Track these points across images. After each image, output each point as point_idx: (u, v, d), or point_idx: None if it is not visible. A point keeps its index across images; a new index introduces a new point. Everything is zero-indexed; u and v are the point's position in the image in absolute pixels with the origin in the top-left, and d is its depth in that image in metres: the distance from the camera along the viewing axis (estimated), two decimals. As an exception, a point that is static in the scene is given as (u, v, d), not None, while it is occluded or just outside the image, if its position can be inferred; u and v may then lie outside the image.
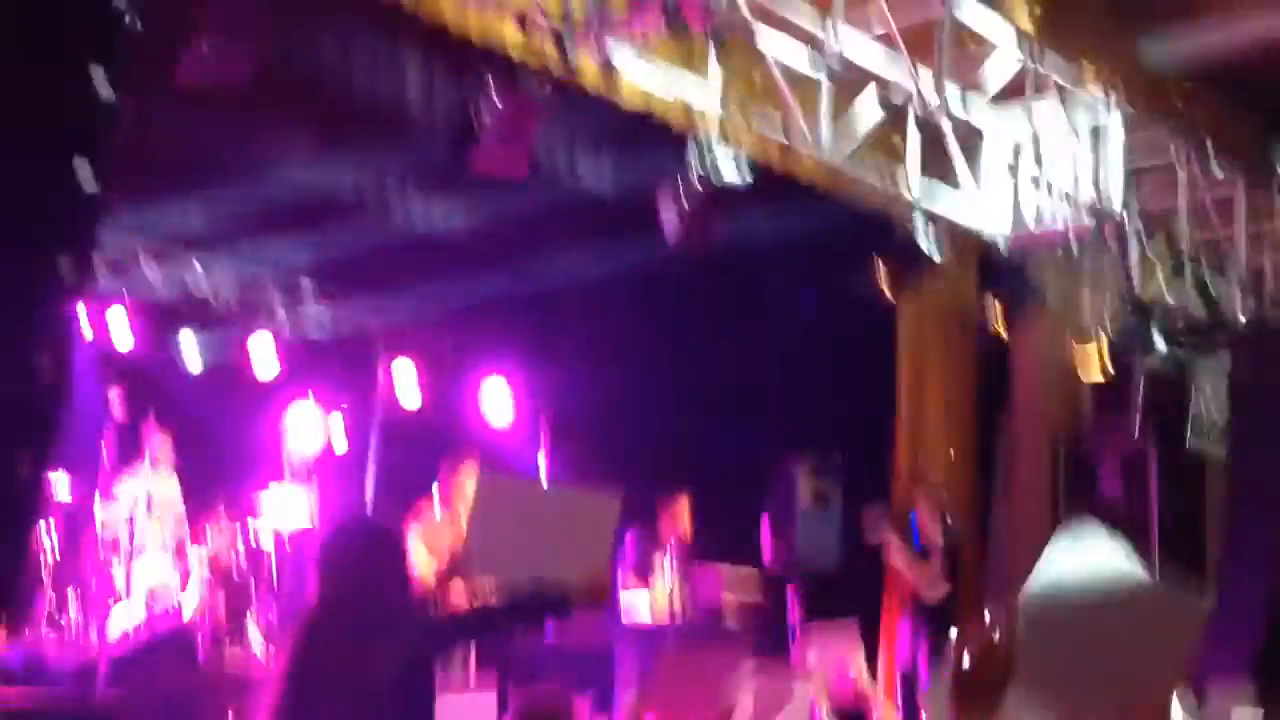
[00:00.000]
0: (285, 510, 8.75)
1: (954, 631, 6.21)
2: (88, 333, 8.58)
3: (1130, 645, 2.16)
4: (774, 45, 6.43)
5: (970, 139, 7.73)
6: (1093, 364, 8.74)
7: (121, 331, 8.91)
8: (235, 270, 9.91)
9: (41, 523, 7.48)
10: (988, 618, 2.83)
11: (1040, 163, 7.90)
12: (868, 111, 7.04)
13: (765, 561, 9.21)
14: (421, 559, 6.33)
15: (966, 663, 2.06)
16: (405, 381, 10.31)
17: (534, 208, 9.35)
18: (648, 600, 8.33)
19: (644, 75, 6.11)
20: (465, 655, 7.22)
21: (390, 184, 8.95)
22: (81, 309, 8.05)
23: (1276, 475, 7.76)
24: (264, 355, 9.90)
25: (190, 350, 9.73)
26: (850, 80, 6.79)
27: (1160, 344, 8.58)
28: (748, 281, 10.66)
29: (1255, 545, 7.68)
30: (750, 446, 10.10)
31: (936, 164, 7.50)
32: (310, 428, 9.58)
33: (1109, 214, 7.98)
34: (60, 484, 7.69)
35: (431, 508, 8.01)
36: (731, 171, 6.14)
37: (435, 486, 8.93)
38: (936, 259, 7.38)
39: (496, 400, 10.68)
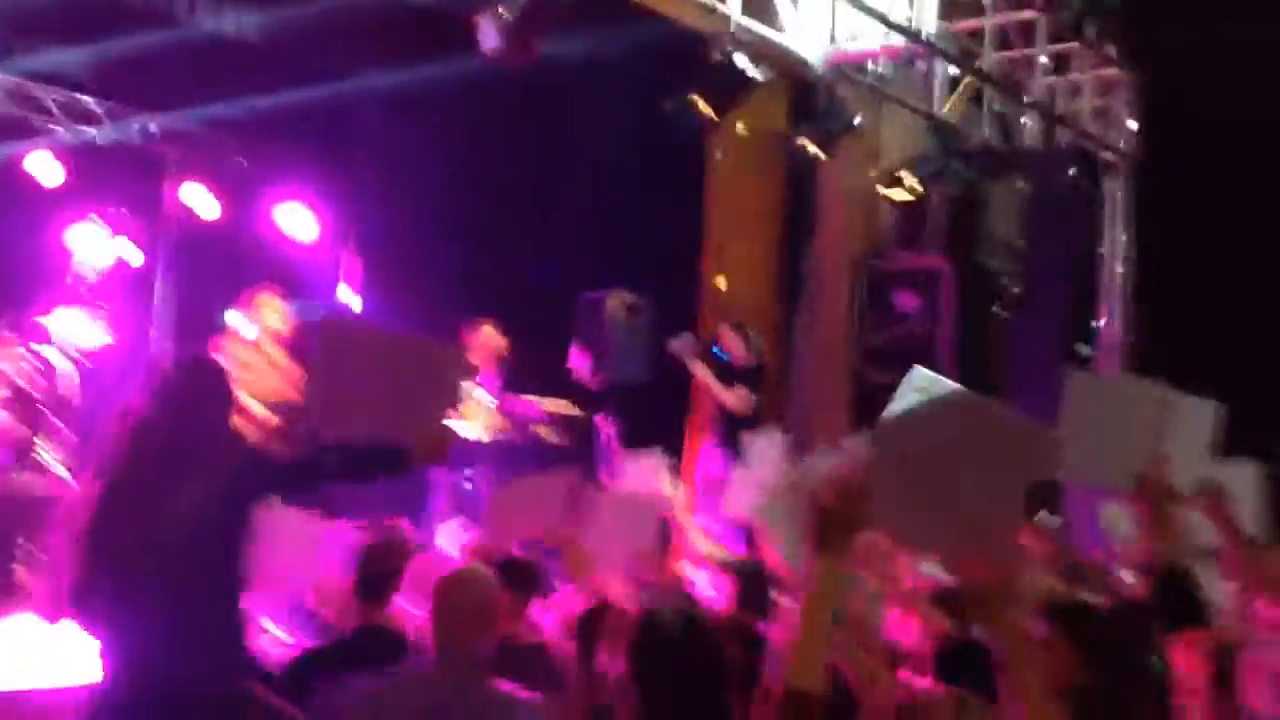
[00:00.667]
0: (75, 331, 8.35)
1: (751, 437, 6.44)
2: None
3: (982, 476, 2.23)
4: None
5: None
6: (894, 186, 9.02)
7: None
8: (9, 79, 9.22)
9: None
10: (844, 452, 2.89)
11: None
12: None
13: (576, 380, 9.32)
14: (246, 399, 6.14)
15: (823, 498, 2.11)
16: (197, 197, 9.85)
17: (336, 13, 8.94)
18: (462, 429, 8.31)
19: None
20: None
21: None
22: None
23: (1061, 290, 8.22)
24: (43, 169, 9.29)
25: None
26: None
27: (958, 166, 8.89)
28: (560, 102, 10.50)
29: (1041, 357, 8.17)
30: (558, 273, 10.11)
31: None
32: (96, 246, 9.09)
33: (918, 34, 8.14)
34: None
35: (232, 337, 7.77)
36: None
37: (233, 311, 8.66)
38: (754, 79, 7.40)
39: (295, 220, 10.32)
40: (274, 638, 4.36)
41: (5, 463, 7.32)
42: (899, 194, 9.02)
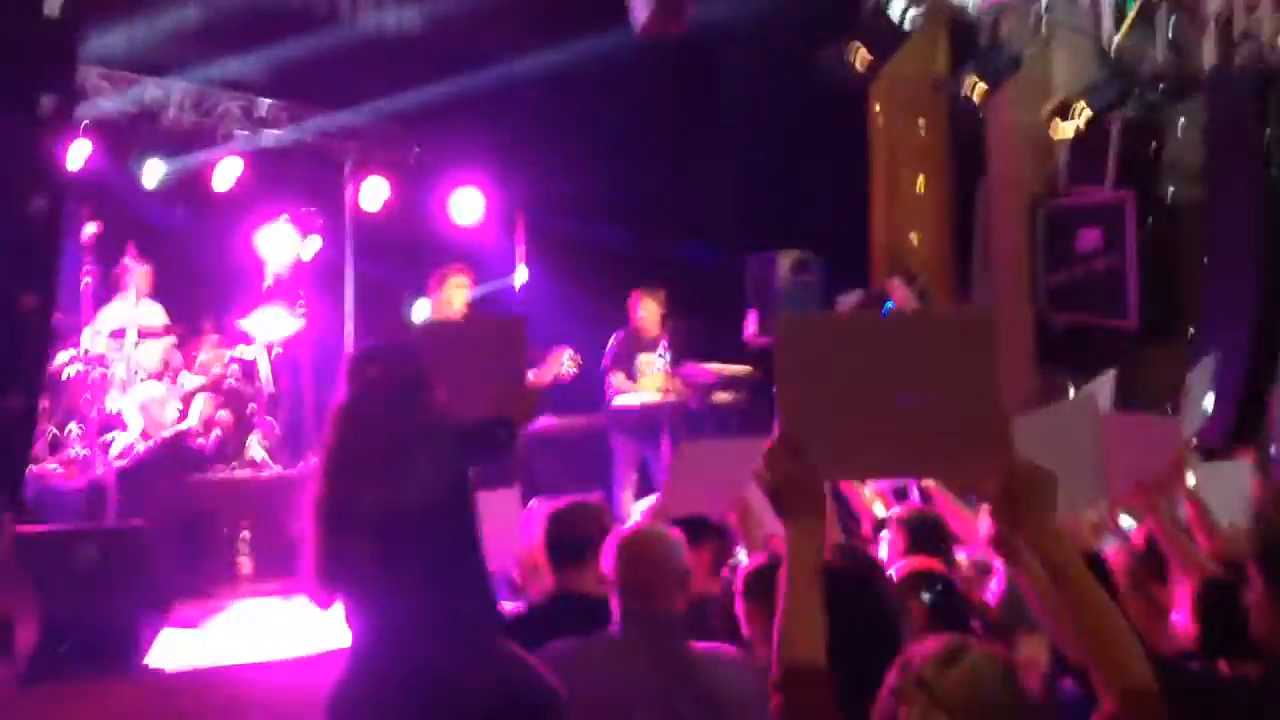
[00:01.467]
0: (275, 328, 8.78)
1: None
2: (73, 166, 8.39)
3: (912, 379, 2.03)
4: None
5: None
6: (1066, 121, 8.76)
7: (84, 160, 8.72)
8: (192, 89, 9.68)
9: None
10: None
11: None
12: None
13: (752, 343, 9.36)
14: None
15: (759, 474, 2.07)
16: (375, 190, 10.19)
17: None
18: (639, 399, 8.45)
19: None
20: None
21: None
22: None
23: (1252, 215, 7.85)
24: (230, 174, 9.75)
25: (155, 175, 9.57)
26: None
27: (1134, 94, 8.58)
28: (713, 66, 10.50)
29: (1235, 285, 7.82)
30: (725, 241, 10.13)
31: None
32: (286, 246, 9.51)
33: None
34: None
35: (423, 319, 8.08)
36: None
37: (421, 297, 8.97)
38: (910, 26, 7.28)
39: (467, 204, 10.59)
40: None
41: (224, 458, 7.75)
42: (1073, 127, 8.76)
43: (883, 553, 4.36)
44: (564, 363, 7.79)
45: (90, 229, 7.66)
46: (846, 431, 2.05)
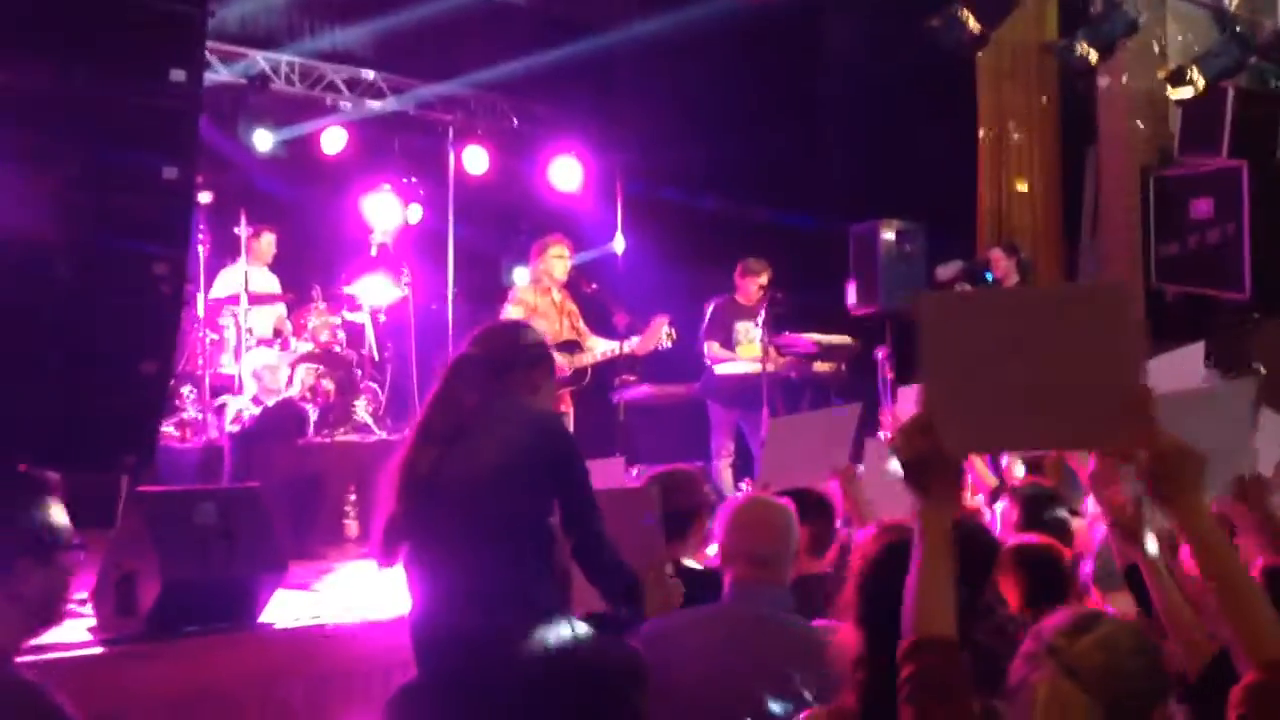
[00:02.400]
0: (380, 295, 8.93)
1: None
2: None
3: (1054, 354, 2.02)
4: None
5: None
6: (1180, 88, 8.54)
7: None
8: (298, 60, 9.87)
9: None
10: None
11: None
12: None
13: (855, 314, 9.28)
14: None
15: (898, 450, 2.08)
16: (476, 159, 10.30)
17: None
18: (737, 369, 8.44)
19: None
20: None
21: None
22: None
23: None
24: (336, 144, 9.93)
25: (264, 144, 9.77)
26: None
27: (1250, 59, 8.33)
28: (817, 32, 10.39)
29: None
30: (830, 207, 10.04)
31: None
32: (390, 213, 9.66)
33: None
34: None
35: (522, 288, 8.14)
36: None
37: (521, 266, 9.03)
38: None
39: (567, 173, 10.64)
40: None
41: (330, 423, 7.90)
42: (1187, 93, 8.53)
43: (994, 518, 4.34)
44: (662, 333, 7.80)
45: (204, 197, 7.83)
46: (988, 405, 2.07)
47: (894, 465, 2.15)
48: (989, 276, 8.38)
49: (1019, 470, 5.46)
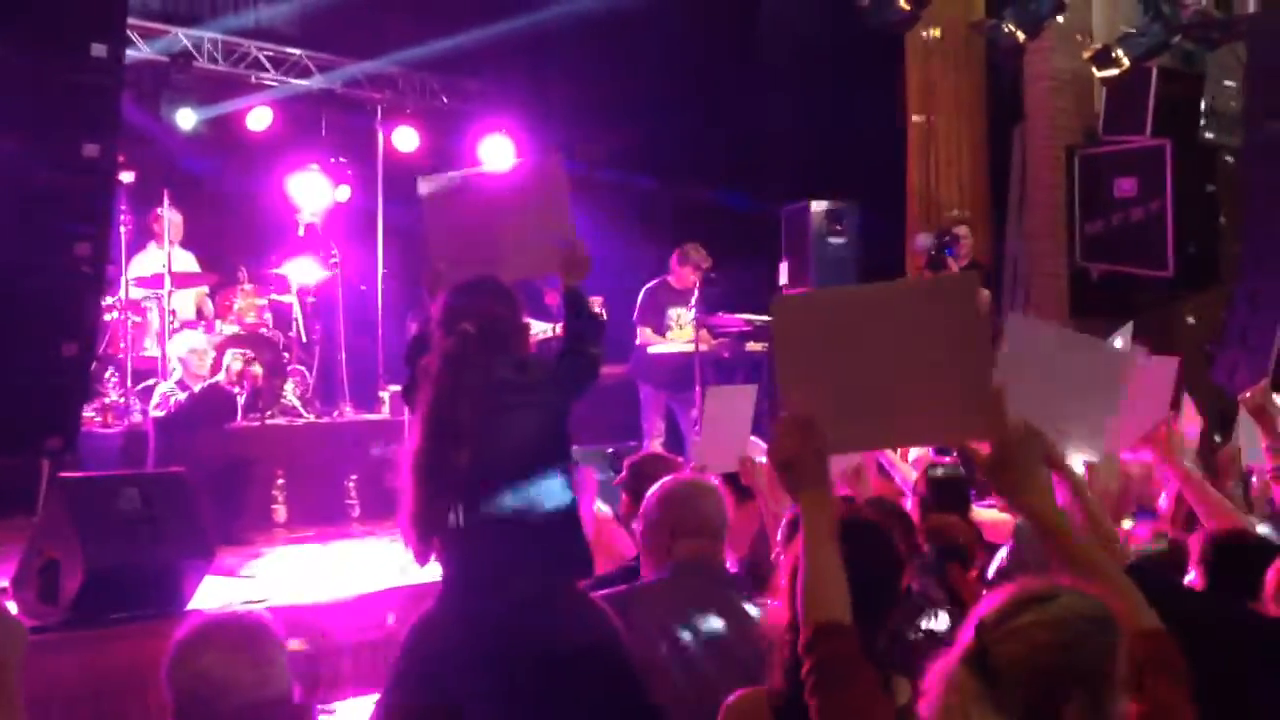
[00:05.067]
0: (308, 276, 8.81)
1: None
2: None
3: (906, 352, 2.04)
4: None
5: None
6: (1105, 68, 8.65)
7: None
8: (221, 37, 9.68)
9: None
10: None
11: None
12: None
13: (783, 292, 9.30)
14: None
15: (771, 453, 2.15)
16: (405, 138, 10.17)
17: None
18: (669, 349, 8.41)
19: None
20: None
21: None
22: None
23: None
24: (261, 123, 9.76)
25: (187, 123, 9.60)
26: None
27: (1173, 40, 8.45)
28: (749, 11, 10.38)
29: (1274, 234, 7.73)
30: (760, 188, 10.05)
31: None
32: (318, 194, 9.53)
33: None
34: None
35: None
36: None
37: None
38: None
39: (498, 152, 10.55)
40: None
41: (258, 406, 7.78)
42: (1112, 73, 8.64)
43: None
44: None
45: (126, 177, 7.67)
46: (846, 405, 2.08)
47: None
48: (949, 252, 8.42)
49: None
